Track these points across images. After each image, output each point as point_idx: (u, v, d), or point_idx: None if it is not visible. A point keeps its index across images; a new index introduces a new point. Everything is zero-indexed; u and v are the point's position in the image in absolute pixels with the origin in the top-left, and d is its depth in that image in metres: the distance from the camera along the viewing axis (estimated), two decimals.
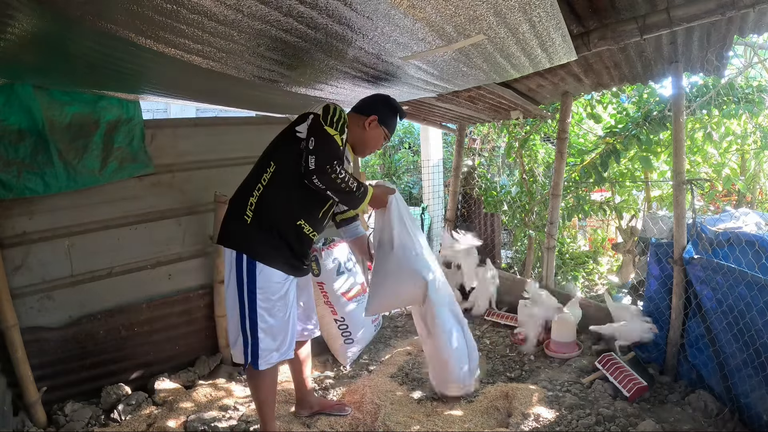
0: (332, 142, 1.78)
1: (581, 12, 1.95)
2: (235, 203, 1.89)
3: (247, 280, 1.77)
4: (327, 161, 1.73)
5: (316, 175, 1.72)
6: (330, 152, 1.76)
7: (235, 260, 1.79)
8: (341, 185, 1.78)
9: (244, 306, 1.78)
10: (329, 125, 1.79)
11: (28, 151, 2.22)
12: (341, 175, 1.77)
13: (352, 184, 1.81)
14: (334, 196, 1.82)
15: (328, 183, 1.75)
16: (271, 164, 1.85)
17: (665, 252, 2.53)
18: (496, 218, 4.06)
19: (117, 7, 1.21)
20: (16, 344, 2.20)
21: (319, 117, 1.81)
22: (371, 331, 3.13)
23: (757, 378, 1.96)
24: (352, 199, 1.87)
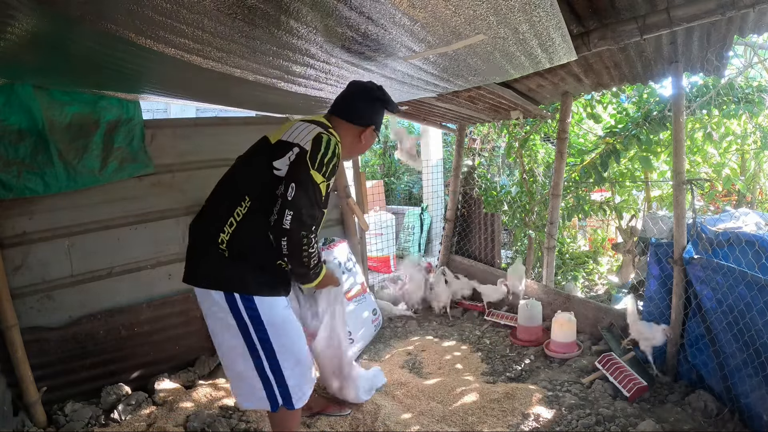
0: (317, 195, 1.51)
1: (581, 12, 1.95)
2: (203, 235, 1.59)
3: (251, 321, 1.54)
4: (304, 226, 1.47)
5: (287, 237, 1.46)
6: (311, 213, 1.50)
7: (227, 303, 1.53)
8: (304, 258, 1.54)
9: (257, 351, 1.55)
10: (317, 169, 1.49)
11: (28, 151, 2.22)
12: (312, 249, 1.54)
13: (314, 259, 1.59)
14: (288, 262, 1.56)
15: (293, 250, 1.49)
16: (246, 199, 1.55)
17: (665, 252, 2.53)
18: (496, 218, 4.06)
19: (117, 7, 1.21)
20: (16, 344, 2.20)
21: (305, 156, 1.50)
22: (371, 331, 3.13)
23: (757, 378, 1.96)
24: (303, 274, 1.64)
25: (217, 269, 1.53)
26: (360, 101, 1.77)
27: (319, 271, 1.67)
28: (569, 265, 4.61)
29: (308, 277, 1.66)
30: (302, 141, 1.54)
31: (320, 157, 1.51)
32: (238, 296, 1.52)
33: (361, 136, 1.78)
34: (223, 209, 1.57)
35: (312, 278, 1.67)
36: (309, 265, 1.59)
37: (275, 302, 1.60)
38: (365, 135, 1.79)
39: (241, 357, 1.57)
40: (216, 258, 1.53)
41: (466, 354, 2.97)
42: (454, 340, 3.20)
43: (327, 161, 1.52)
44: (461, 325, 3.47)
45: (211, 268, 1.54)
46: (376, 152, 9.00)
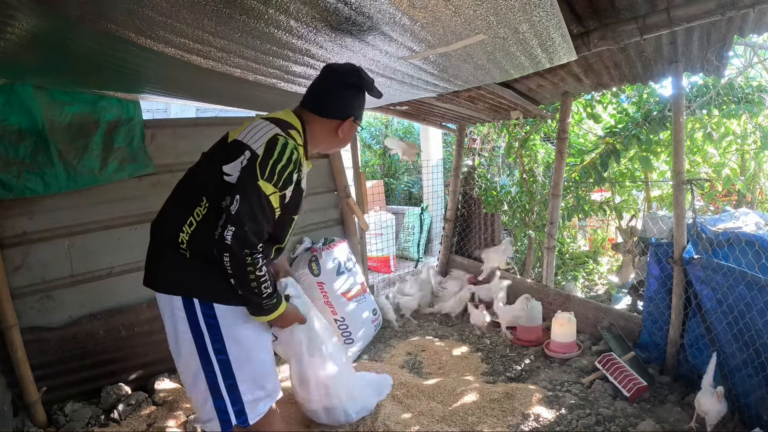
0: (266, 209, 1.32)
1: (581, 12, 1.95)
2: (162, 235, 1.45)
3: (208, 330, 1.38)
4: (247, 243, 1.29)
5: (228, 255, 1.28)
6: (257, 229, 1.31)
7: (184, 308, 1.38)
8: (251, 283, 1.33)
9: (211, 362, 1.39)
10: (267, 178, 1.31)
11: (28, 151, 2.22)
12: (260, 272, 1.33)
13: (264, 287, 1.36)
14: (234, 285, 1.35)
15: (236, 270, 1.31)
16: (203, 200, 1.40)
17: (665, 252, 2.53)
18: (496, 218, 4.06)
19: (117, 7, 1.21)
20: (16, 344, 2.20)
21: (256, 162, 1.32)
22: (371, 331, 3.13)
23: (757, 378, 1.96)
24: (255, 304, 1.40)
25: (176, 272, 1.39)
26: (334, 89, 1.51)
27: (275, 303, 1.43)
28: (569, 265, 4.61)
29: (261, 309, 1.41)
30: (255, 144, 1.35)
31: (271, 165, 1.31)
32: (197, 302, 1.37)
33: (338, 131, 1.55)
34: (183, 208, 1.42)
35: (265, 310, 1.42)
36: (260, 293, 1.36)
37: (238, 311, 1.43)
38: (343, 128, 1.55)
39: (195, 370, 1.41)
40: (176, 259, 1.39)
41: (466, 354, 2.97)
42: (454, 340, 3.20)
43: (280, 169, 1.32)
44: (461, 325, 3.48)
45: (170, 271, 1.40)
46: (376, 152, 9.00)
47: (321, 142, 1.58)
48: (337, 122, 1.54)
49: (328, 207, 3.50)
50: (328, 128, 1.55)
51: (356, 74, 1.51)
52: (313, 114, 1.53)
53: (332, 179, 3.50)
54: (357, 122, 1.58)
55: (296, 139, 1.43)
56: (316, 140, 1.55)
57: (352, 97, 1.54)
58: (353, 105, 1.55)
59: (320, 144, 1.58)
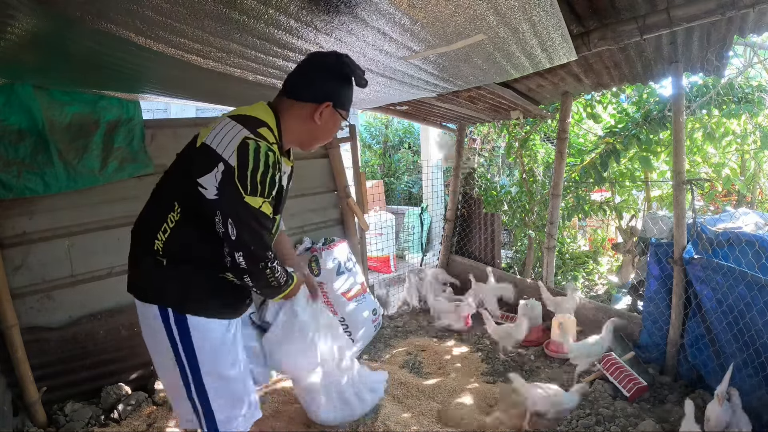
0: (260, 221, 1.29)
1: (581, 12, 1.95)
2: (138, 241, 1.43)
3: (181, 341, 1.35)
4: (260, 258, 1.30)
5: (248, 275, 1.31)
6: (262, 242, 1.30)
7: (160, 317, 1.35)
8: (272, 282, 1.38)
9: (186, 374, 1.37)
10: (252, 192, 1.24)
11: (28, 151, 2.22)
12: (276, 271, 1.38)
13: (281, 278, 1.41)
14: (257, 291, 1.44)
15: (258, 282, 1.35)
16: (175, 206, 1.34)
17: (665, 252, 2.54)
18: (496, 218, 4.07)
19: (117, 7, 1.21)
20: (16, 344, 2.20)
21: (233, 176, 1.23)
22: (371, 331, 3.13)
23: (757, 378, 1.96)
24: (272, 293, 1.47)
25: (151, 279, 1.36)
26: (312, 71, 1.39)
27: (291, 282, 1.50)
28: (569, 265, 4.62)
29: (279, 291, 1.47)
30: (226, 152, 1.24)
31: (250, 176, 1.23)
32: (171, 312, 1.34)
33: (315, 116, 1.38)
34: (157, 214, 1.37)
35: (283, 289, 1.48)
36: (278, 286, 1.42)
37: (211, 325, 1.38)
38: (321, 115, 1.39)
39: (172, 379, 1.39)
40: (152, 267, 1.35)
41: (466, 354, 2.97)
42: (454, 340, 3.20)
43: (261, 178, 1.24)
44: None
45: (146, 278, 1.37)
46: (376, 152, 9.00)
47: (298, 133, 1.42)
48: (313, 106, 1.38)
49: (328, 207, 3.50)
50: (304, 114, 1.39)
51: (339, 58, 1.38)
52: (289, 99, 1.40)
53: (332, 179, 3.50)
54: (339, 111, 1.42)
55: (267, 138, 1.31)
56: (292, 131, 1.41)
57: (331, 80, 1.38)
58: (333, 89, 1.39)
59: (297, 134, 1.43)
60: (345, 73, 1.39)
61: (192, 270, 1.34)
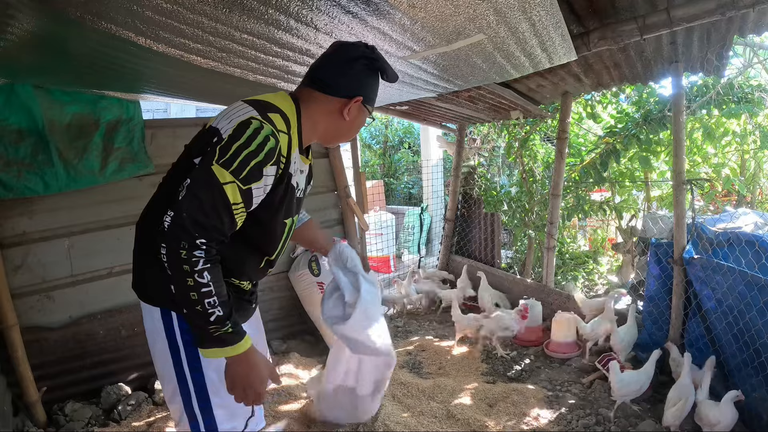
0: (216, 198, 1.06)
1: (581, 12, 1.95)
2: (141, 237, 1.31)
3: (185, 346, 1.23)
4: (184, 233, 1.03)
5: (164, 245, 1.05)
6: (198, 219, 1.04)
7: (162, 321, 1.23)
8: (189, 290, 1.04)
9: (187, 382, 1.24)
10: (224, 163, 1.06)
11: (28, 151, 2.22)
12: (200, 277, 1.04)
13: (209, 303, 1.05)
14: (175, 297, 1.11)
15: (170, 266, 1.05)
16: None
17: (665, 252, 2.54)
18: (496, 218, 4.07)
19: (117, 7, 1.21)
20: (16, 344, 2.20)
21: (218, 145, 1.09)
22: None
23: (757, 378, 1.96)
24: (197, 325, 1.08)
25: (154, 280, 1.23)
26: (342, 62, 1.26)
27: (228, 331, 1.08)
28: (569, 265, 4.61)
29: (206, 335, 1.08)
30: (225, 127, 1.13)
31: (234, 149, 1.06)
32: (174, 317, 1.22)
33: (344, 112, 1.25)
34: (158, 209, 1.22)
35: (213, 339, 1.08)
36: (203, 310, 1.05)
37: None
38: (350, 110, 1.26)
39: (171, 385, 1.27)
40: (154, 267, 1.20)
41: (466, 354, 2.97)
42: (454, 340, 3.20)
43: (244, 157, 1.07)
44: None
45: (149, 279, 1.25)
46: (376, 152, 9.00)
47: (322, 127, 1.30)
48: (343, 101, 1.25)
49: (328, 207, 3.50)
50: (331, 109, 1.26)
51: (369, 50, 1.27)
52: (315, 91, 1.26)
53: (332, 179, 3.50)
54: (367, 106, 1.30)
55: (276, 124, 1.15)
56: (315, 124, 1.28)
57: (362, 74, 1.26)
58: (363, 83, 1.27)
59: (321, 129, 1.30)
60: (376, 67, 1.28)
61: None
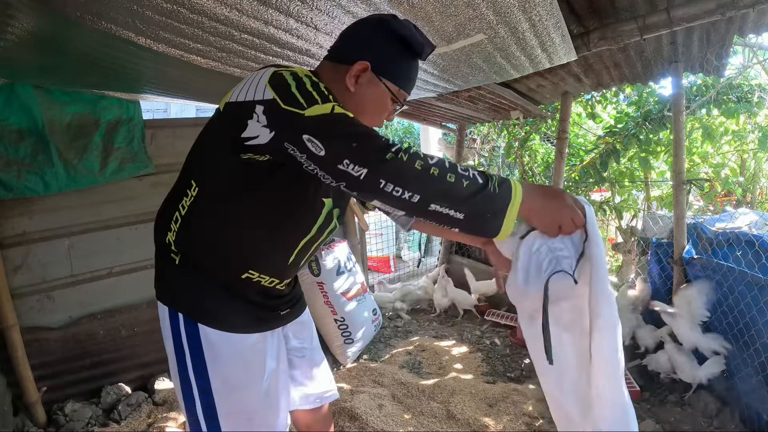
0: (343, 120, 0.88)
1: (581, 12, 1.95)
2: (156, 233, 1.17)
3: (191, 351, 1.11)
4: (376, 146, 0.84)
5: (386, 174, 0.82)
6: (366, 135, 0.86)
7: (169, 321, 1.12)
8: (432, 174, 0.82)
9: (191, 386, 1.12)
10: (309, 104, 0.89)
11: (28, 151, 2.22)
12: (430, 157, 0.85)
13: (463, 171, 0.84)
14: (441, 211, 0.83)
15: (417, 185, 0.83)
16: (192, 185, 1.07)
17: (665, 252, 2.54)
18: None
19: (117, 7, 1.21)
20: (16, 344, 2.20)
21: (279, 107, 0.90)
22: (371, 330, 3.13)
23: (757, 378, 1.96)
24: (483, 206, 0.84)
25: (164, 279, 1.15)
26: (355, 26, 1.09)
27: (504, 186, 0.85)
28: None
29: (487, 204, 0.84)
30: (257, 93, 0.95)
31: (299, 92, 0.91)
32: (181, 317, 1.10)
33: (347, 81, 1.03)
34: (171, 202, 1.13)
35: (498, 200, 0.84)
36: (463, 178, 0.83)
37: (228, 339, 1.10)
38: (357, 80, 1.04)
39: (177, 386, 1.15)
40: (165, 264, 1.13)
41: (466, 354, 2.97)
42: (454, 340, 3.20)
43: (311, 87, 0.92)
44: (461, 325, 3.48)
45: (160, 277, 1.16)
46: None
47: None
48: (345, 68, 1.04)
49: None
50: (337, 78, 1.05)
51: (389, 16, 1.06)
52: (327, 61, 1.10)
53: None
54: (384, 80, 1.05)
55: (293, 67, 1.02)
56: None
57: (374, 37, 1.04)
58: (370, 46, 1.04)
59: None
60: (398, 33, 1.02)
61: (207, 270, 1.09)
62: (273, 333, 1.21)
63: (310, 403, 1.38)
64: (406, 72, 1.08)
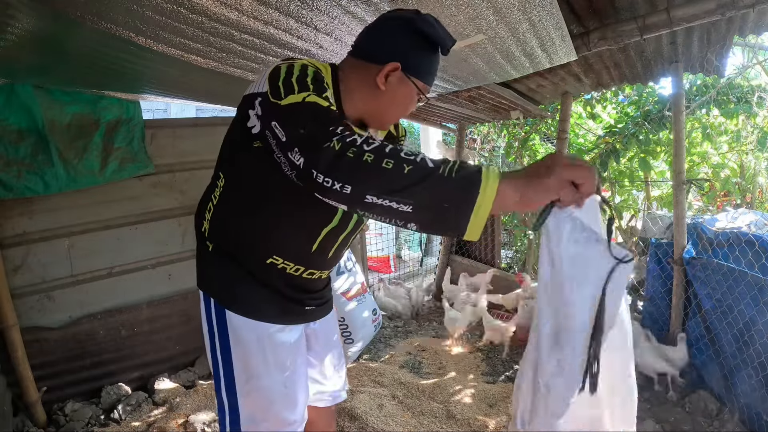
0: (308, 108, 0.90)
1: (581, 12, 1.95)
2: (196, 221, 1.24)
3: (219, 334, 1.17)
4: (319, 137, 0.83)
5: (320, 165, 0.80)
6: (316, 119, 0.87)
7: (204, 304, 1.20)
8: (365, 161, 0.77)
9: (218, 367, 1.18)
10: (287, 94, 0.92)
11: (28, 151, 2.22)
12: (367, 144, 0.80)
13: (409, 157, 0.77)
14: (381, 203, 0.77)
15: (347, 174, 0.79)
16: (220, 176, 1.16)
17: (665, 252, 2.54)
18: (495, 218, 4.06)
19: (117, 7, 1.21)
20: (16, 344, 2.20)
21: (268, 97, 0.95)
22: (371, 331, 3.13)
23: (757, 378, 1.96)
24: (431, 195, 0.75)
25: (200, 266, 1.22)
26: (382, 24, 1.10)
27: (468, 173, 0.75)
28: None
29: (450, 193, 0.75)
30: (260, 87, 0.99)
31: (283, 84, 0.94)
32: (213, 302, 1.16)
33: (378, 80, 1.05)
34: (207, 191, 1.21)
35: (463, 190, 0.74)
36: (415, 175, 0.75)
37: (252, 327, 1.14)
38: (385, 78, 1.06)
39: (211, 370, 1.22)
40: (201, 252, 1.21)
41: (466, 354, 2.97)
42: (454, 339, 3.20)
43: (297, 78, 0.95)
44: None
45: (199, 262, 1.22)
46: None
47: (361, 99, 1.11)
48: (376, 68, 1.05)
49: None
50: (366, 77, 1.07)
51: (416, 14, 1.07)
52: (352, 58, 1.12)
53: None
54: (412, 78, 1.07)
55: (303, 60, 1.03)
56: (352, 93, 1.10)
57: (398, 36, 1.06)
58: (399, 47, 1.05)
59: (362, 102, 1.11)
60: (423, 31, 1.04)
61: (236, 257, 1.13)
62: (296, 328, 1.23)
63: (323, 400, 1.41)
64: (430, 67, 1.11)
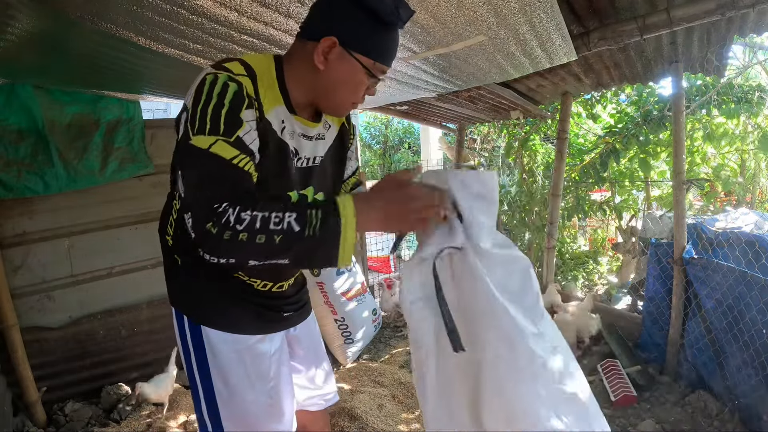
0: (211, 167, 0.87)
1: (581, 12, 1.95)
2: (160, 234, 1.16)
3: (195, 351, 1.10)
4: (202, 216, 0.83)
5: (205, 247, 0.84)
6: (203, 196, 0.85)
7: (176, 320, 1.12)
8: (258, 243, 0.81)
9: (197, 385, 1.12)
10: (198, 131, 0.88)
11: (28, 151, 2.22)
12: (239, 223, 0.81)
13: (277, 220, 0.82)
14: (263, 265, 0.85)
15: (228, 253, 0.83)
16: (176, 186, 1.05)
17: (665, 252, 2.54)
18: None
19: (117, 7, 1.21)
20: (16, 344, 2.20)
21: (188, 120, 0.92)
22: (371, 331, 3.13)
23: (757, 378, 1.96)
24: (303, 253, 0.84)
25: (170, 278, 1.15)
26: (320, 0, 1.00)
27: (330, 226, 0.83)
28: (569, 265, 4.61)
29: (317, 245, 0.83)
30: (188, 99, 0.95)
31: (200, 112, 0.89)
32: (186, 319, 1.10)
33: (315, 58, 0.95)
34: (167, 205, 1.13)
35: (322, 241, 0.83)
36: (277, 236, 0.81)
37: (228, 341, 1.09)
38: (326, 57, 0.95)
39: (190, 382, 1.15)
40: (168, 267, 1.14)
41: None
42: None
43: (212, 113, 0.89)
44: None
45: (167, 277, 1.15)
46: (376, 152, 9.01)
47: (305, 82, 1.01)
48: (313, 45, 0.96)
49: None
50: (307, 56, 0.98)
51: None
52: (296, 40, 1.03)
53: None
54: (355, 54, 0.95)
55: (233, 69, 0.95)
56: (296, 78, 1.01)
57: (339, 9, 0.95)
58: (336, 19, 0.95)
59: (306, 85, 1.01)
60: (363, 2, 0.92)
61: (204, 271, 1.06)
62: (276, 336, 1.18)
63: (316, 404, 1.37)
64: (380, 43, 0.97)
